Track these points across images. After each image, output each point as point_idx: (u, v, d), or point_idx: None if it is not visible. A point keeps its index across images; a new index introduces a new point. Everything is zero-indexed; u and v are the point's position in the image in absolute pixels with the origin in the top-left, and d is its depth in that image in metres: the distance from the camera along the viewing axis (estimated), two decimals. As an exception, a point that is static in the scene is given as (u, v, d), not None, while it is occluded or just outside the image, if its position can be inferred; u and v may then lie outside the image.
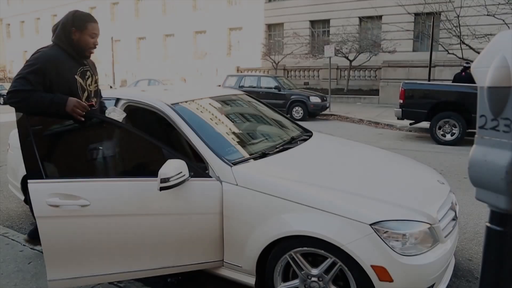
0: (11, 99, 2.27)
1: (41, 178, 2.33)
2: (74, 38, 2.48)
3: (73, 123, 2.43)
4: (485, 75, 1.02)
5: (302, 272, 2.29)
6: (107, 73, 29.73)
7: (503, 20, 13.32)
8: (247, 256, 2.39)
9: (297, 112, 13.54)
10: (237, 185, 2.40)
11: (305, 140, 3.32)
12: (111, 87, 21.93)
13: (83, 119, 2.37)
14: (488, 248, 1.10)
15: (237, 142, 2.95)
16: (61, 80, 2.41)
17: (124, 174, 2.64)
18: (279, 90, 14.03)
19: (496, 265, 1.08)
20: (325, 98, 14.11)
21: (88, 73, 2.62)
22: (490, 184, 1.03)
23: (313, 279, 2.26)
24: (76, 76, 2.51)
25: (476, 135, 1.12)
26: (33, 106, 2.29)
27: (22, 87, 2.26)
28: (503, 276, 1.09)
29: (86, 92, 2.58)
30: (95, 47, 2.57)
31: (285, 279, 2.39)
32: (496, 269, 1.09)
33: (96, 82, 2.71)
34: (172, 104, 2.83)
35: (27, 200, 3.73)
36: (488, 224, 1.10)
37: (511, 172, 0.97)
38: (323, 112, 14.08)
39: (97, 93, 2.75)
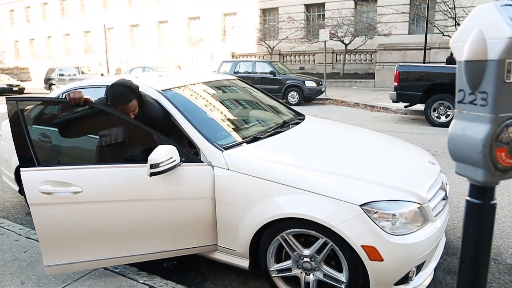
0: None
1: (34, 166, 2.34)
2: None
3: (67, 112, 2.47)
4: (462, 49, 1.02)
5: (295, 253, 2.32)
6: (101, 62, 29.38)
7: (499, 1, 13.20)
8: (240, 239, 2.41)
9: (293, 97, 13.49)
10: (228, 169, 2.41)
11: (297, 123, 3.32)
12: (102, 74, 21.59)
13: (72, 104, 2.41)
14: (468, 221, 1.12)
15: (229, 127, 2.94)
16: None
17: (116, 160, 2.64)
18: (274, 75, 13.95)
19: (476, 237, 1.11)
20: (320, 83, 14.05)
21: None
22: (468, 158, 1.04)
23: (305, 259, 2.30)
24: None
25: (455, 110, 1.12)
26: None
27: None
28: (482, 248, 1.11)
29: None
30: (133, 115, 2.59)
31: (278, 260, 2.42)
32: (476, 242, 1.11)
33: None
34: (163, 90, 2.82)
35: (22, 191, 3.73)
36: (468, 198, 1.12)
37: (487, 145, 0.98)
38: (319, 97, 14.05)
39: None
